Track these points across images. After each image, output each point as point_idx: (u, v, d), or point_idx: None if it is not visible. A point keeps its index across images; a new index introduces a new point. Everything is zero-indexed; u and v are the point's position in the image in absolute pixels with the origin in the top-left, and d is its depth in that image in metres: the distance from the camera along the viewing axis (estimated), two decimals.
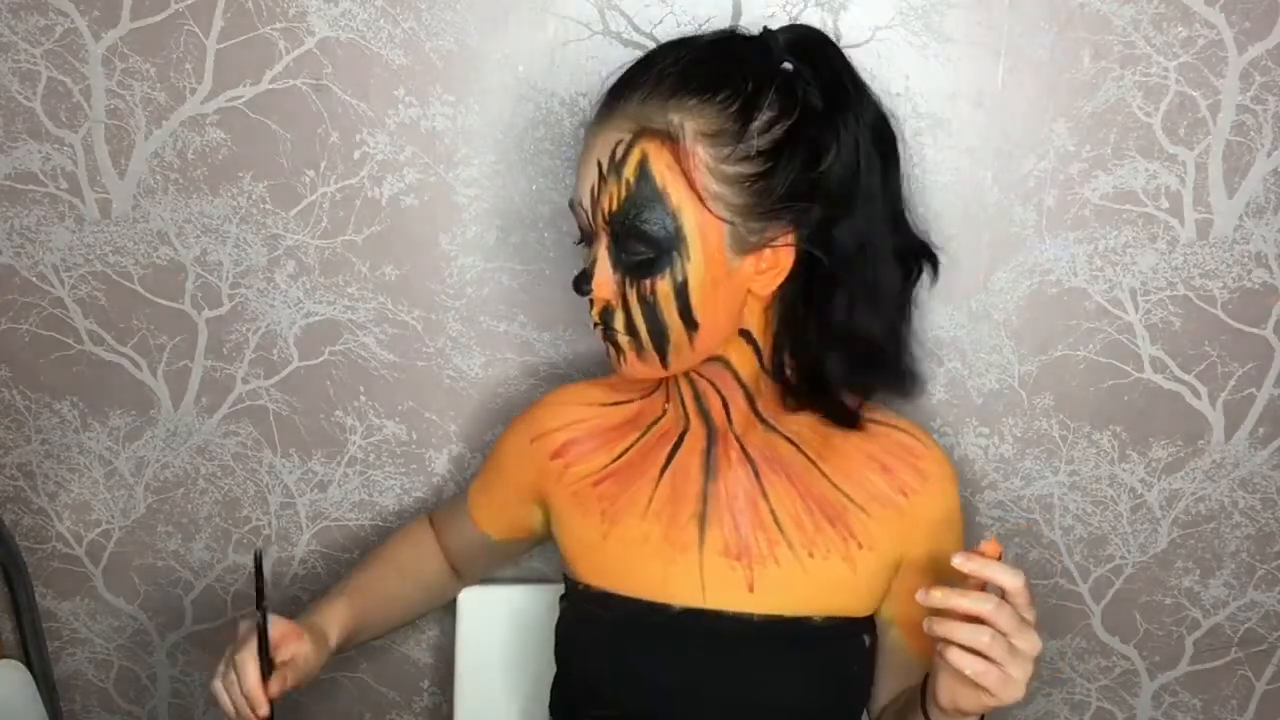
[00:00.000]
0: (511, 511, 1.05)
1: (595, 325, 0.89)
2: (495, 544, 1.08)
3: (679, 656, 0.91)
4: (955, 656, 0.75)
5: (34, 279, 1.14)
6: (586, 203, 0.86)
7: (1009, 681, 0.75)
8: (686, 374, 0.92)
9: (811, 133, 0.83)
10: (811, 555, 0.90)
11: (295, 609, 1.25)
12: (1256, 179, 1.04)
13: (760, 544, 0.91)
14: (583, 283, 0.87)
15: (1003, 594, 0.76)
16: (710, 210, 0.82)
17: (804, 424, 0.94)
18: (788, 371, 0.90)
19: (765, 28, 0.88)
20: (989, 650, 0.74)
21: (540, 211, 1.08)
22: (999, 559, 0.77)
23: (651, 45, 1.01)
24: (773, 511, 0.92)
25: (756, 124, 0.82)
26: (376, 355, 1.14)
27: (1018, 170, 1.04)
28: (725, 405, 0.93)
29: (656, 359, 0.87)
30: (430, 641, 1.27)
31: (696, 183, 0.82)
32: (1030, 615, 0.77)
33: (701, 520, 0.92)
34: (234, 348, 1.15)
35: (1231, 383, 1.11)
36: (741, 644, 0.91)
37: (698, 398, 0.94)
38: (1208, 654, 1.22)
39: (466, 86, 1.05)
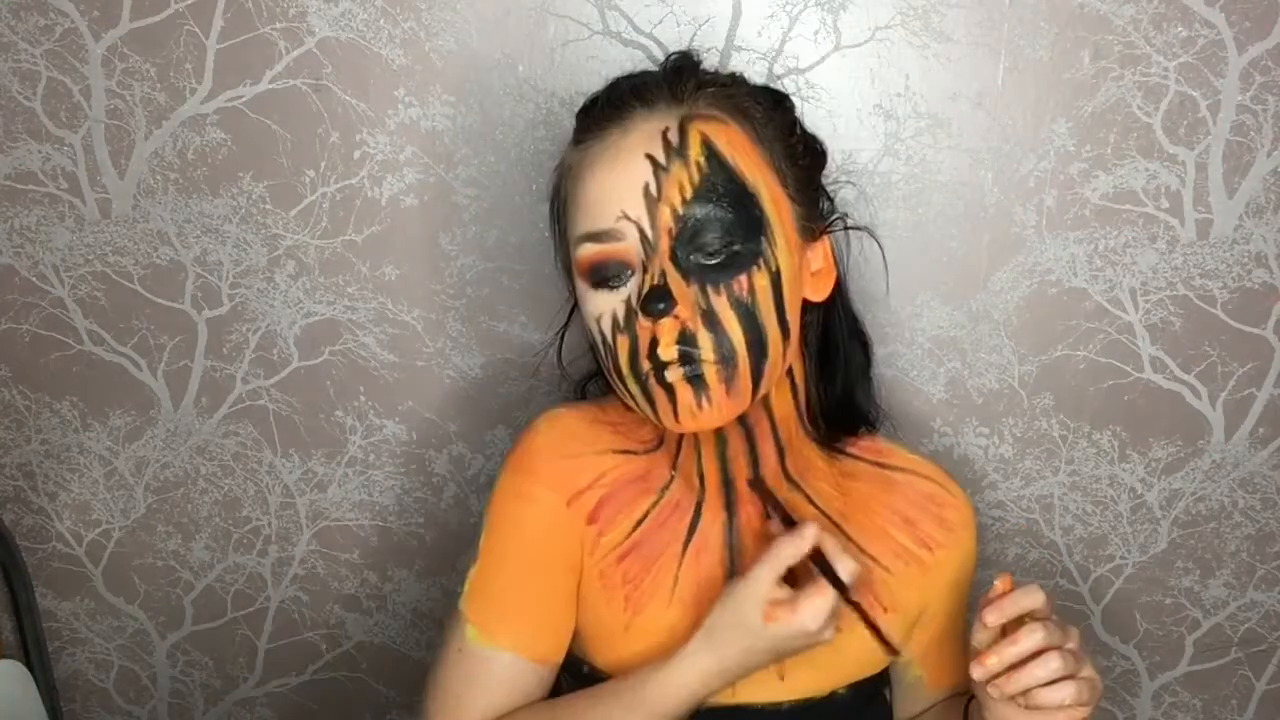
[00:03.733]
0: (564, 616, 0.84)
1: (663, 366, 0.74)
2: (546, 676, 0.85)
3: None
4: (1046, 696, 0.71)
5: (34, 279, 1.14)
6: (638, 210, 0.74)
7: (1091, 684, 0.73)
8: (716, 434, 0.81)
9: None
10: (839, 630, 0.80)
11: (295, 608, 1.25)
12: (1256, 179, 1.04)
13: None
14: (659, 300, 0.71)
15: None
16: (781, 186, 0.77)
17: (824, 478, 0.87)
18: (818, 412, 0.86)
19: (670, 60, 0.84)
20: (1063, 670, 0.71)
21: (540, 211, 1.08)
22: (1011, 589, 0.74)
23: (652, 45, 1.02)
24: None
25: (786, 104, 0.82)
26: (376, 355, 1.14)
27: (1018, 170, 1.04)
28: (756, 467, 0.83)
29: (749, 387, 0.76)
30: (430, 641, 1.27)
31: (768, 158, 0.77)
32: (1055, 616, 0.75)
33: None
34: (234, 348, 1.15)
35: (1231, 383, 1.11)
36: None
37: (723, 466, 0.83)
38: (1208, 654, 1.22)
39: (466, 86, 1.04)
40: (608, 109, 0.79)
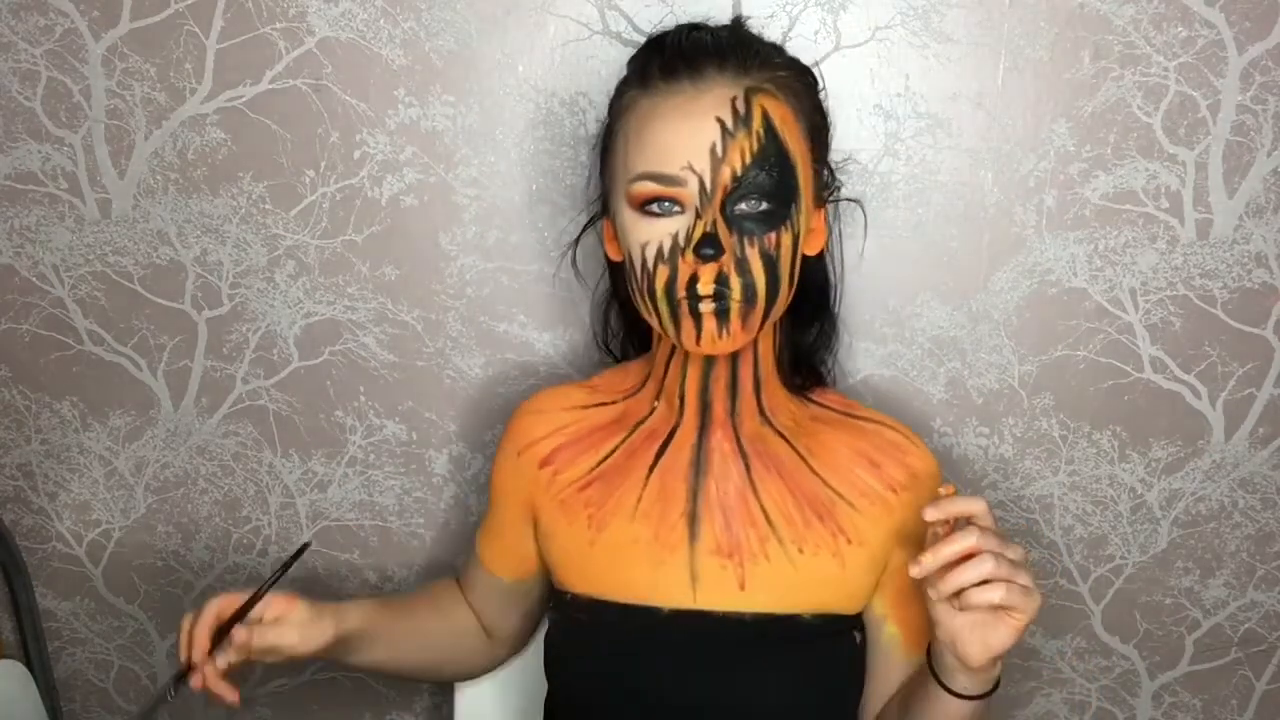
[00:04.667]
0: (517, 545, 1.01)
1: (698, 299, 0.84)
2: (508, 587, 1.04)
3: (671, 661, 0.90)
4: (977, 595, 0.75)
5: (34, 279, 1.14)
6: (703, 164, 0.83)
7: (1027, 592, 0.76)
8: (705, 359, 0.91)
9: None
10: (801, 551, 0.90)
11: None
12: (1256, 179, 1.04)
13: (751, 541, 0.91)
14: (709, 247, 0.82)
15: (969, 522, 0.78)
16: (810, 159, 0.88)
17: (794, 418, 0.95)
18: (786, 359, 0.95)
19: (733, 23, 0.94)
20: (997, 572, 0.75)
21: (540, 211, 1.08)
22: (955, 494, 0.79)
23: None
24: (763, 508, 0.91)
25: (817, 83, 0.91)
26: (376, 355, 1.14)
27: (1018, 170, 1.04)
28: (734, 393, 0.92)
29: (757, 324, 0.86)
30: None
31: (804, 133, 0.87)
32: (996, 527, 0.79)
33: (692, 518, 0.92)
34: (234, 348, 1.15)
35: (1231, 383, 1.11)
36: (733, 645, 0.90)
37: (705, 387, 0.92)
38: (1208, 654, 1.22)
39: (466, 86, 1.05)
40: (681, 62, 0.86)
